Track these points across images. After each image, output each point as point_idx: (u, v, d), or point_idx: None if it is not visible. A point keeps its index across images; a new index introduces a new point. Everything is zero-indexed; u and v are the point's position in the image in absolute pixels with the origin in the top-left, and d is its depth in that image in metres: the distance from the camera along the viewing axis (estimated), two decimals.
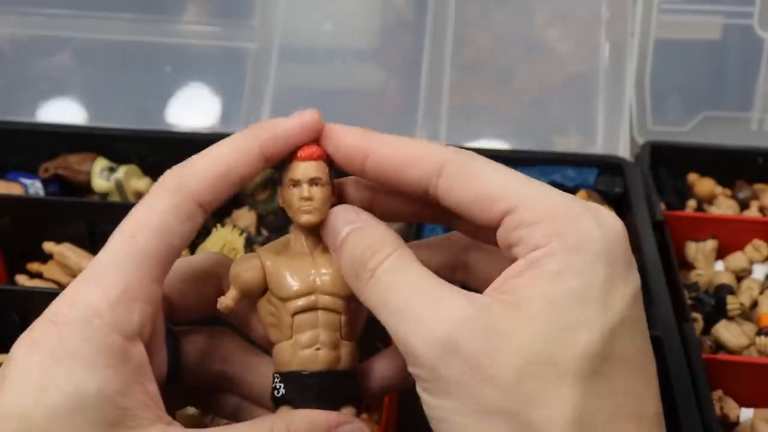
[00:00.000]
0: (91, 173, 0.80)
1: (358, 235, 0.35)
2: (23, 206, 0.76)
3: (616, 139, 0.87)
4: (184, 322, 0.39)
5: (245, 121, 0.88)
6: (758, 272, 0.76)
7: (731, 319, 0.69)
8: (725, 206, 0.82)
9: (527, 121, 0.91)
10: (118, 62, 0.92)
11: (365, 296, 0.34)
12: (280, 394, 0.36)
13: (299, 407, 0.36)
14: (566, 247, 0.32)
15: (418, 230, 0.69)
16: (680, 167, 0.85)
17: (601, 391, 0.31)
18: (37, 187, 0.80)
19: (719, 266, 0.77)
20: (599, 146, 0.87)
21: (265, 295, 0.37)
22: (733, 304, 0.69)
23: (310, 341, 0.36)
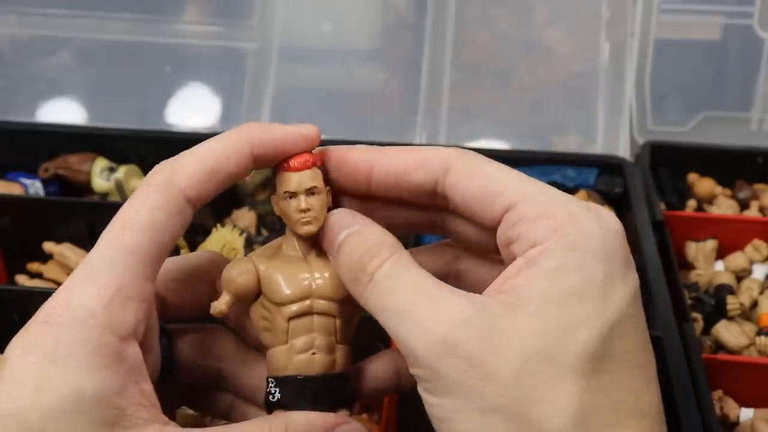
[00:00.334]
0: (91, 173, 0.80)
1: (355, 239, 0.35)
2: (23, 206, 0.76)
3: (616, 139, 0.87)
4: (178, 320, 0.39)
5: (245, 121, 0.88)
6: (758, 272, 0.76)
7: (731, 319, 0.69)
8: (725, 206, 0.82)
9: (527, 121, 0.90)
10: (118, 62, 0.92)
11: (364, 300, 0.34)
12: (275, 398, 0.36)
13: None
14: (565, 244, 0.32)
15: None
16: (680, 167, 0.85)
17: (601, 387, 0.31)
18: (37, 187, 0.80)
19: (719, 266, 0.77)
20: (599, 146, 0.87)
21: (258, 299, 0.37)
22: (733, 304, 0.69)
23: (305, 346, 0.36)
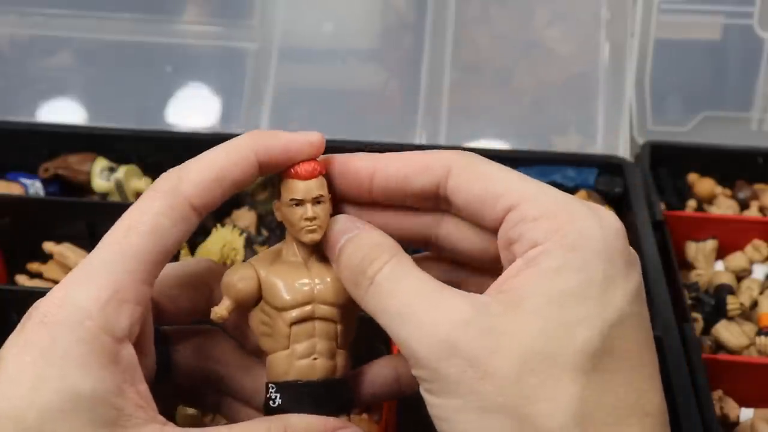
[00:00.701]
0: (91, 173, 0.80)
1: (356, 242, 0.35)
2: (23, 206, 0.76)
3: (616, 139, 0.87)
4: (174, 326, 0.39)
5: (245, 121, 0.88)
6: (758, 272, 0.76)
7: (731, 319, 0.69)
8: (725, 206, 0.82)
9: (527, 121, 0.90)
10: (118, 62, 0.92)
11: (365, 303, 0.34)
12: (276, 404, 0.36)
13: None
14: (565, 244, 0.32)
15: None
16: (680, 167, 0.85)
17: (601, 386, 0.31)
18: (37, 187, 0.80)
19: (719, 266, 0.77)
20: (599, 146, 0.87)
21: (258, 305, 0.37)
22: (733, 304, 0.69)
23: (307, 351, 0.36)
